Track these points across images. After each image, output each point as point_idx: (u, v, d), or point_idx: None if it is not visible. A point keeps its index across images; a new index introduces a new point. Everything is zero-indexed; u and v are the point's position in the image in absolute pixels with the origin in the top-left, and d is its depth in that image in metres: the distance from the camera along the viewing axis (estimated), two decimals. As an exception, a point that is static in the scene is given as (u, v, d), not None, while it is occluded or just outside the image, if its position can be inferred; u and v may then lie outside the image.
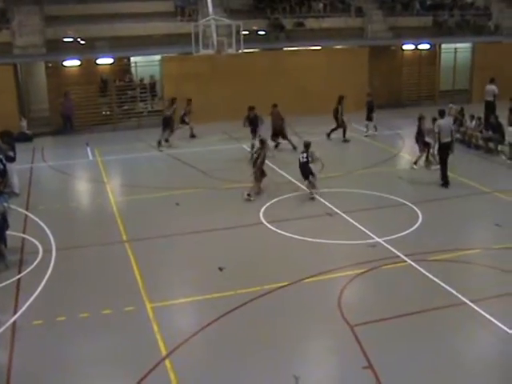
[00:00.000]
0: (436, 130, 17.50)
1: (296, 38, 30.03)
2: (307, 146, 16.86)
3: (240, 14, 28.50)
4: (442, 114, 17.68)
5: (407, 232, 14.00)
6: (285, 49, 29.99)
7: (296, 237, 13.83)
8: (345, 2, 32.24)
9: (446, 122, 17.64)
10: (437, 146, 18.03)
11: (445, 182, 17.53)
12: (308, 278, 11.76)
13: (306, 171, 16.68)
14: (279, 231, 14.21)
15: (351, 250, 13.19)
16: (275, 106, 22.60)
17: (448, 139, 17.33)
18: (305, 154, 16.73)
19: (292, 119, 23.52)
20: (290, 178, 18.52)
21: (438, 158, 18.08)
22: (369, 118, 24.24)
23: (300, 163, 16.77)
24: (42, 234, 14.25)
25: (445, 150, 17.40)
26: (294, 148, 21.43)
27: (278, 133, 22.36)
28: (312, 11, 31.34)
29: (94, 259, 13.12)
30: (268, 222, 14.77)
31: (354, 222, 14.64)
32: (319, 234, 13.88)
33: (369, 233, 13.94)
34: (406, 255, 12.64)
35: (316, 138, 22.38)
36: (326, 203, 16.05)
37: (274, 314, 10.57)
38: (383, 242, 13.38)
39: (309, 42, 29.71)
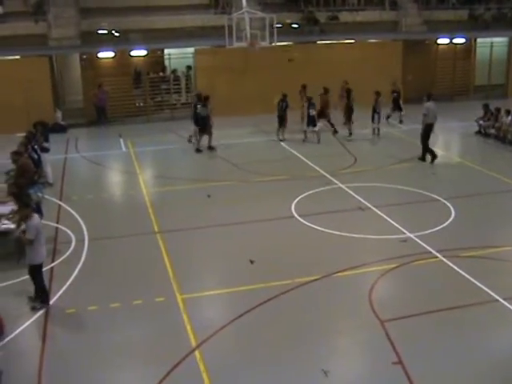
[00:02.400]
0: (424, 112, 19.32)
1: (330, 31, 29.78)
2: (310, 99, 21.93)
3: (273, 7, 28.38)
4: (429, 97, 19.51)
5: (439, 228, 13.84)
6: (318, 42, 29.83)
7: (327, 231, 13.78)
8: (379, -5, 31.90)
9: (433, 105, 19.39)
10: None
11: (423, 158, 19.53)
12: (339, 272, 11.71)
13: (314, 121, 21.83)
14: (311, 225, 14.17)
15: (382, 244, 13.10)
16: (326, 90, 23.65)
17: (433, 120, 19.31)
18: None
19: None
20: (321, 171, 18.46)
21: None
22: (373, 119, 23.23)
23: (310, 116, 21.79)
24: (75, 224, 14.43)
25: (429, 130, 19.41)
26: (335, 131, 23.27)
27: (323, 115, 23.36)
28: (346, 4, 31.05)
29: (125, 250, 13.24)
30: (299, 216, 14.73)
31: (386, 217, 14.52)
32: (350, 229, 13.80)
33: (400, 228, 13.82)
34: (437, 251, 12.50)
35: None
36: (358, 197, 15.95)
37: (304, 308, 10.54)
38: (415, 238, 13.25)
39: (343, 35, 29.49)
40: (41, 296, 10.81)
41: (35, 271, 10.72)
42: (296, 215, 14.85)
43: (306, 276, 11.50)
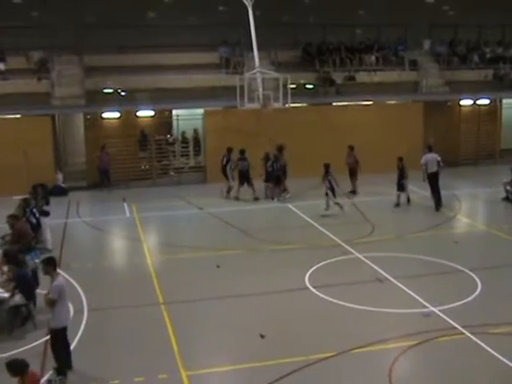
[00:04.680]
0: (422, 163, 21.83)
1: (346, 92, 30.46)
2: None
3: (287, 66, 29.14)
4: (430, 148, 22.39)
5: (465, 301, 13.77)
6: (334, 104, 30.39)
7: (344, 303, 13.75)
8: (398, 55, 32.70)
9: (432, 155, 21.97)
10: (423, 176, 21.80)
11: (439, 205, 21.65)
12: (356, 348, 11.65)
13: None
14: (326, 297, 14.16)
15: (403, 319, 13.03)
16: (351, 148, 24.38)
17: (434, 169, 21.72)
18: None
19: (341, 178, 23.56)
20: (337, 240, 18.55)
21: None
22: (400, 187, 22.72)
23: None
24: (73, 294, 14.45)
25: (433, 178, 21.78)
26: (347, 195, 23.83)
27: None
28: (364, 64, 31.86)
29: (127, 322, 13.25)
30: (314, 287, 14.74)
31: (406, 289, 14.49)
32: (368, 301, 13.77)
33: (422, 301, 13.76)
34: (463, 327, 12.41)
35: (367, 198, 22.52)
36: (377, 268, 15.97)
37: (318, 387, 10.46)
38: (438, 312, 13.18)
39: (360, 96, 30.10)
40: (60, 367, 10.73)
41: (57, 336, 10.71)
42: (310, 287, 14.85)
43: (321, 352, 11.44)
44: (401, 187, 22.62)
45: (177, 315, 13.36)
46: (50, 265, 10.79)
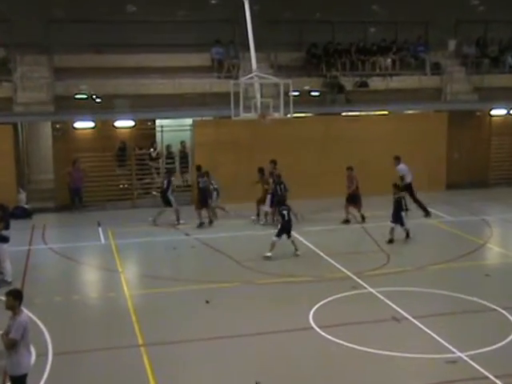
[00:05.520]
0: (400, 174, 24.28)
1: (357, 100, 30.53)
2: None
3: (290, 70, 29.22)
4: (398, 159, 24.79)
5: (498, 346, 13.66)
6: (343, 114, 30.45)
7: (354, 346, 13.64)
8: (418, 58, 32.82)
9: (405, 166, 24.69)
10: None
11: (426, 212, 24.41)
12: (369, 400, 11.54)
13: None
14: (333, 339, 14.05)
15: (424, 365, 12.92)
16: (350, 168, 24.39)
17: (410, 179, 24.52)
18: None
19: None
20: (346, 271, 18.51)
21: None
22: (395, 219, 22.06)
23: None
24: (36, 334, 14.26)
25: (410, 188, 24.41)
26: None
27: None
28: (377, 68, 31.98)
29: (100, 367, 13.11)
30: (319, 327, 14.65)
31: (428, 331, 14.39)
32: (383, 344, 13.66)
33: (447, 345, 13.66)
34: (496, 376, 12.27)
35: (381, 222, 22.49)
36: (392, 305, 15.89)
37: None
38: (466, 358, 13.06)
39: (373, 105, 30.19)
40: None
41: None
42: (315, 326, 14.76)
43: (328, 405, 11.35)
44: (398, 219, 21.92)
45: (158, 359, 13.21)
46: (18, 299, 10.63)
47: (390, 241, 21.64)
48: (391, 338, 14.20)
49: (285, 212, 20.38)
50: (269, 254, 19.97)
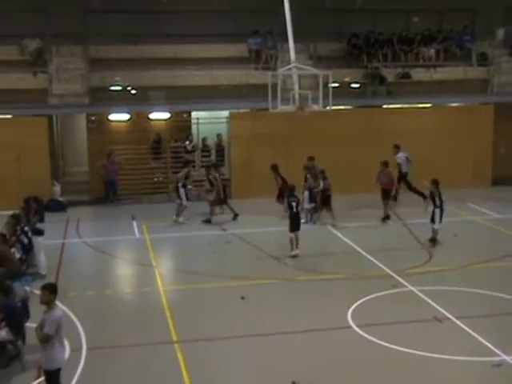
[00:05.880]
0: (398, 162, 25.53)
1: (399, 92, 30.30)
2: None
3: (329, 61, 29.05)
4: (398, 147, 25.84)
5: (546, 349, 13.52)
6: (384, 106, 30.25)
7: (393, 347, 13.56)
8: (464, 48, 32.42)
9: (404, 155, 25.86)
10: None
11: (424, 197, 23.55)
12: (409, 402, 11.47)
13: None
14: (372, 338, 13.99)
15: (467, 369, 12.80)
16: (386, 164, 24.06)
17: (406, 169, 25.89)
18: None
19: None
20: (387, 269, 18.42)
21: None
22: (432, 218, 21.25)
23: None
24: (70, 328, 14.43)
25: (405, 177, 25.92)
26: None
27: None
28: (421, 59, 31.67)
29: (133, 363, 13.21)
30: (358, 326, 14.59)
31: (472, 332, 14.25)
32: (424, 346, 13.54)
33: (492, 347, 13.50)
34: (543, 381, 12.17)
35: (423, 219, 22.31)
36: (434, 305, 15.77)
37: None
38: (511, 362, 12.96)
39: (416, 97, 29.95)
40: None
41: (53, 379, 10.71)
42: (353, 325, 14.71)
43: (366, 406, 11.30)
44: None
45: (193, 356, 13.27)
46: (53, 293, 10.76)
47: (431, 240, 21.11)
48: (433, 338, 14.09)
49: (294, 203, 20.17)
50: (295, 253, 19.81)
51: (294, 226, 19.99)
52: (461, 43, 32.56)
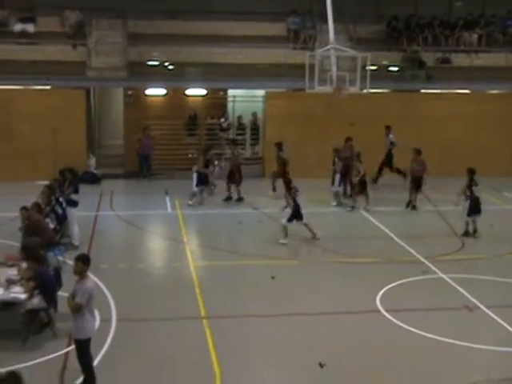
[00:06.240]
0: (392, 141, 25.53)
1: (438, 77, 29.96)
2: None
3: (368, 43, 28.81)
4: (389, 128, 26.02)
5: None
6: (423, 91, 29.98)
7: (422, 333, 13.51)
8: (507, 33, 31.90)
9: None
10: None
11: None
12: (435, 389, 11.45)
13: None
14: (400, 324, 13.95)
15: (497, 359, 12.71)
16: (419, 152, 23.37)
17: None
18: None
19: (429, 181, 23.24)
20: (418, 255, 18.34)
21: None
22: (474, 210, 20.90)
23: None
24: (101, 299, 14.58)
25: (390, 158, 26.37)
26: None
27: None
28: (462, 44, 31.27)
29: (162, 337, 13.35)
30: (386, 311, 14.57)
31: (502, 322, 14.14)
32: (454, 333, 13.48)
33: (522, 338, 13.47)
34: None
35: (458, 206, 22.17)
36: (465, 293, 15.68)
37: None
38: (542, 353, 12.87)
39: (455, 83, 29.57)
40: (88, 381, 10.91)
41: (83, 348, 10.86)
42: (382, 310, 14.68)
43: (392, 391, 11.30)
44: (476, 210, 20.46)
45: (220, 333, 13.36)
46: (87, 264, 10.88)
47: (466, 233, 20.52)
48: (462, 327, 14.01)
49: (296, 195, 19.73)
50: (284, 241, 19.41)
51: (294, 217, 19.57)
52: (504, 28, 32.05)
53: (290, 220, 19.53)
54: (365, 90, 23.03)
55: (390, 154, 26.43)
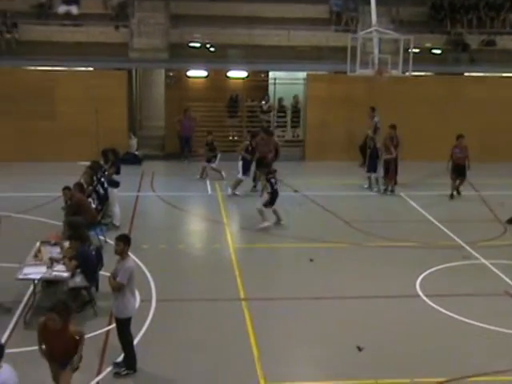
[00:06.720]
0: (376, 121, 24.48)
1: (483, 60, 29.57)
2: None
3: (411, 26, 28.57)
4: (374, 110, 25.16)
5: None
6: (466, 74, 29.62)
7: (462, 319, 13.45)
8: (556, 14, 31.33)
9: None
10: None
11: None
12: (474, 376, 11.36)
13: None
14: (440, 309, 13.90)
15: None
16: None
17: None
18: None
19: (472, 166, 22.97)
20: (459, 240, 18.20)
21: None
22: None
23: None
24: (141, 279, 14.75)
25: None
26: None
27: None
28: (507, 26, 30.77)
29: (201, 317, 13.46)
30: (426, 296, 14.51)
31: (544, 310, 14.06)
32: (494, 320, 13.37)
33: None
34: None
35: (501, 191, 21.96)
36: (507, 280, 15.54)
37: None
38: None
39: (500, 66, 29.15)
40: (128, 359, 11.09)
41: (123, 327, 11.03)
42: (422, 294, 14.63)
43: (429, 376, 11.26)
44: None
45: (259, 315, 13.44)
46: (127, 245, 11.00)
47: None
48: (503, 314, 13.88)
49: (273, 180, 19.36)
50: (267, 224, 19.09)
51: (273, 201, 19.27)
52: (551, 10, 31.46)
53: (265, 205, 19.17)
54: (407, 73, 22.87)
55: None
